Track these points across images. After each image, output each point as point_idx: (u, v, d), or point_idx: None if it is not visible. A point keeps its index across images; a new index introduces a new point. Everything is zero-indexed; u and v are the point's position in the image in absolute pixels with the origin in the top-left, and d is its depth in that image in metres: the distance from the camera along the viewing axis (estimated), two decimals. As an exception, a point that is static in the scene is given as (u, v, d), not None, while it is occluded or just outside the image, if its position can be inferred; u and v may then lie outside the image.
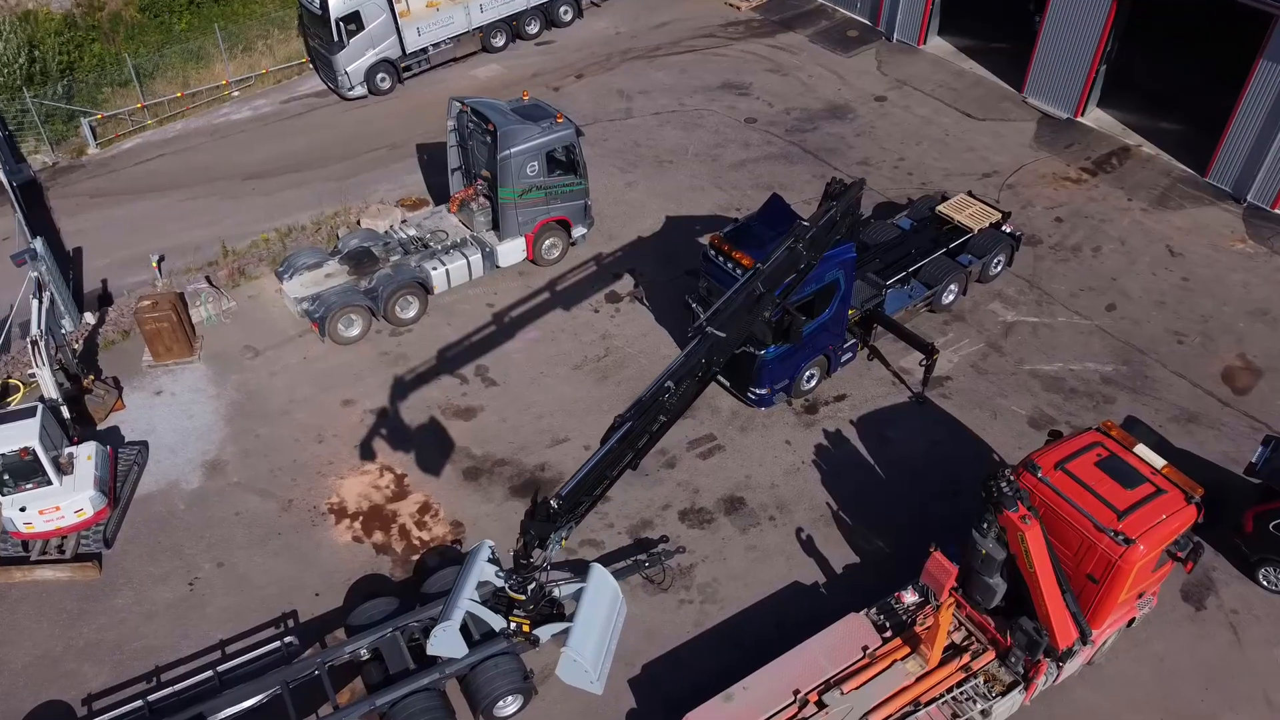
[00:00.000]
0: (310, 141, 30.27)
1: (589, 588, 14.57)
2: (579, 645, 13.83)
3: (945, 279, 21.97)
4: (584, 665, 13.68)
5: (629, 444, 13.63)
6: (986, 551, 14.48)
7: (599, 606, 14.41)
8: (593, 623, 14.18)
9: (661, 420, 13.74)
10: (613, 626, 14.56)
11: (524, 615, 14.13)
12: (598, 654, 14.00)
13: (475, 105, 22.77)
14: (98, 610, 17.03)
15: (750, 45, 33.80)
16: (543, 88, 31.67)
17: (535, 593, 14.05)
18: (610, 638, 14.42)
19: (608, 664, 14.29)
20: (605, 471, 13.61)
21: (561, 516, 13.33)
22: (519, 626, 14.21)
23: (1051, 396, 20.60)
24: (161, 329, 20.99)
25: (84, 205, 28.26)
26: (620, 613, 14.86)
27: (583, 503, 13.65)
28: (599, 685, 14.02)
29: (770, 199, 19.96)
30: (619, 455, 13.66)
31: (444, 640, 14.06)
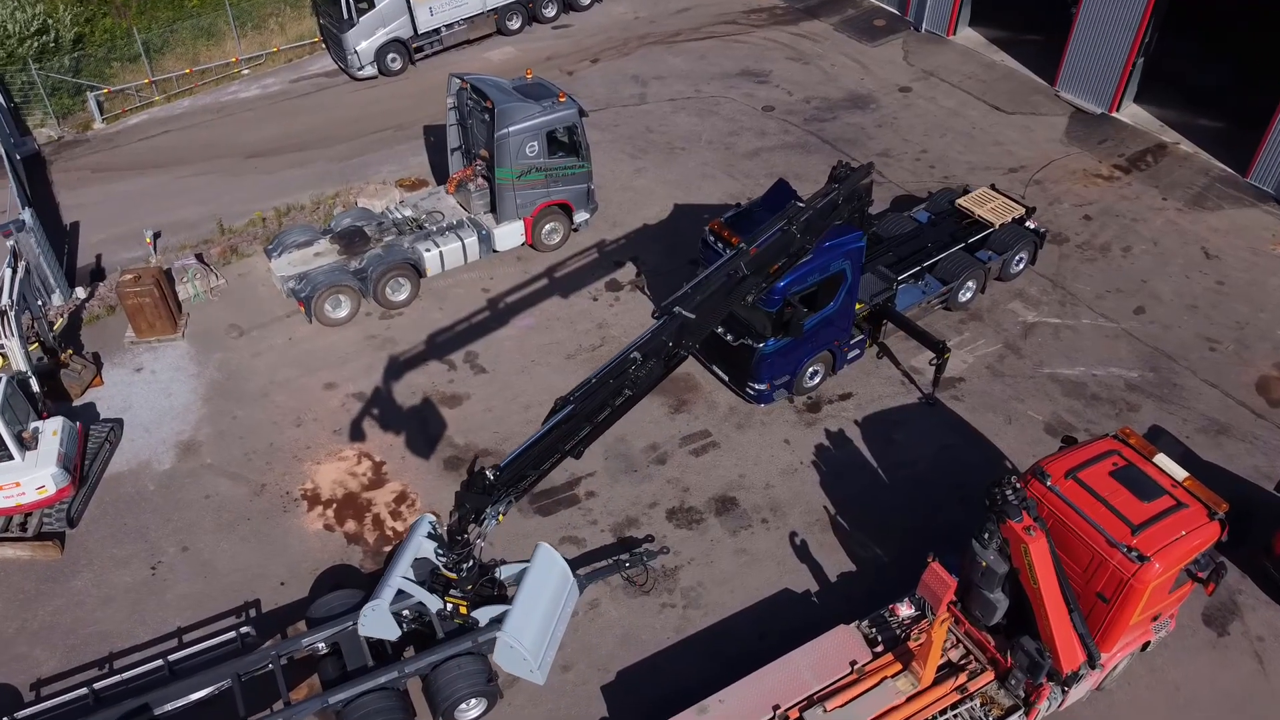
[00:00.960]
0: (316, 121, 29.63)
1: (533, 568, 13.45)
2: (517, 629, 12.77)
3: (962, 275, 20.81)
4: (522, 652, 12.60)
5: (583, 420, 12.58)
6: (987, 564, 13.36)
7: (543, 588, 13.28)
8: (535, 606, 13.06)
9: (626, 394, 12.73)
10: (560, 611, 13.44)
11: (461, 596, 13.05)
12: (539, 640, 12.89)
13: (475, 82, 21.92)
14: (55, 592, 16.37)
15: (772, 33, 32.72)
16: (556, 71, 30.82)
17: (473, 571, 12.98)
18: (556, 623, 13.32)
19: (552, 652, 13.24)
20: (556, 445, 12.62)
21: (499, 489, 12.29)
22: (455, 608, 13.17)
23: (1071, 402, 19.38)
24: (144, 304, 20.34)
25: (85, 179, 27.82)
26: (571, 596, 13.74)
27: (527, 477, 12.63)
28: (540, 675, 12.96)
29: (776, 184, 18.90)
30: (568, 432, 12.67)
31: (374, 620, 13.02)
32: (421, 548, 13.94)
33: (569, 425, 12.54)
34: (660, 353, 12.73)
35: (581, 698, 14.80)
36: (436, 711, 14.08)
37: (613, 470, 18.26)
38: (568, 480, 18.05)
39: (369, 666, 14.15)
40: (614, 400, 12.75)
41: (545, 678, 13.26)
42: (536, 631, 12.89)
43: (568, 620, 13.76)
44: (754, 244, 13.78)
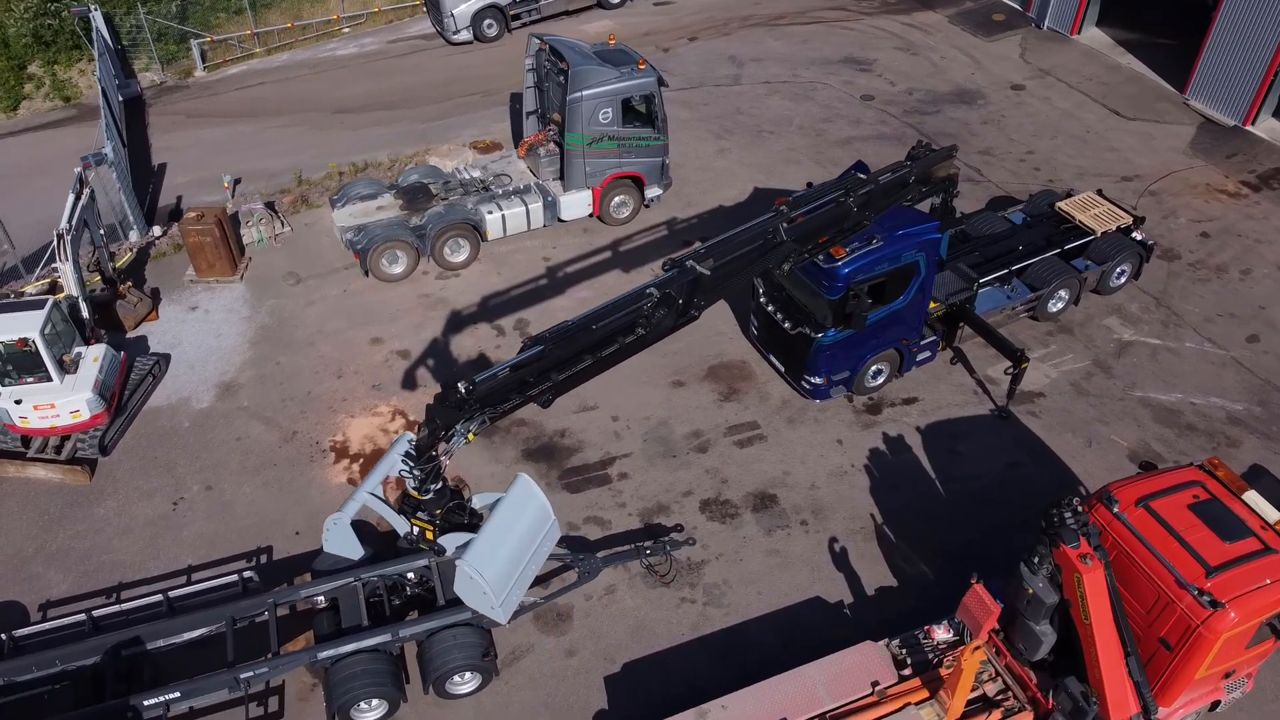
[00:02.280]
0: (407, 82, 29.52)
1: (508, 499, 12.35)
2: (479, 559, 11.69)
3: (1054, 283, 19.10)
4: (482, 584, 11.52)
5: (585, 352, 11.73)
6: (1034, 591, 11.97)
7: (516, 522, 12.18)
8: (503, 538, 11.97)
9: (639, 334, 11.76)
10: (533, 549, 12.32)
11: (428, 520, 12.15)
12: (504, 576, 11.82)
13: (554, 43, 21.24)
14: (78, 517, 16.33)
15: (883, 21, 31.18)
16: (652, 48, 30.00)
17: (442, 494, 12.05)
18: (528, 562, 12.21)
19: (519, 592, 12.18)
20: (547, 372, 11.70)
21: (470, 406, 11.32)
22: (421, 532, 12.26)
23: (1162, 430, 17.55)
24: (204, 243, 20.34)
25: (179, 124, 28.30)
26: (550, 536, 12.63)
27: (509, 399, 11.66)
28: (502, 614, 11.92)
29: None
30: (560, 361, 11.74)
31: (335, 537, 12.11)
32: (396, 466, 13.09)
33: (564, 353, 11.58)
34: (670, 305, 11.67)
35: (582, 686, 13.92)
36: (427, 680, 13.42)
37: (650, 454, 17.31)
38: (601, 459, 17.20)
39: (363, 626, 13.57)
40: (624, 337, 11.74)
41: (508, 618, 12.28)
42: (502, 565, 11.83)
43: (542, 561, 12.65)
44: (800, 210, 12.55)
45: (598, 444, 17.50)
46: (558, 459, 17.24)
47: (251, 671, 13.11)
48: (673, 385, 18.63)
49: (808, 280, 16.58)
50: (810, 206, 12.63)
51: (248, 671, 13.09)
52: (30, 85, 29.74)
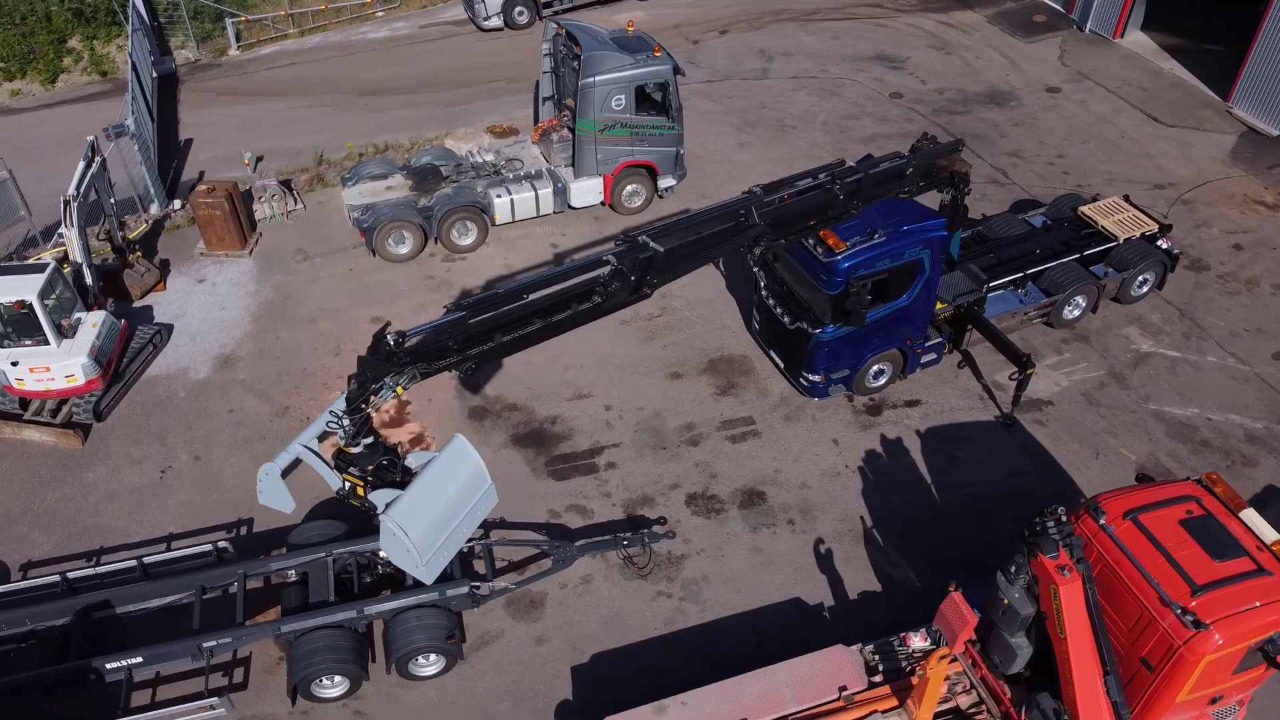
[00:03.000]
0: (434, 66, 29.57)
1: (441, 458, 11.95)
2: (403, 514, 11.29)
3: (1069, 289, 18.45)
4: (405, 541, 11.16)
5: (534, 315, 11.52)
6: (1009, 602, 11.48)
7: (448, 482, 11.78)
8: (432, 496, 11.58)
9: (596, 302, 11.52)
10: (465, 512, 11.91)
11: (359, 475, 11.84)
12: (430, 534, 11.45)
13: (570, 27, 21.02)
14: (67, 480, 16.47)
15: (919, 19, 30.54)
16: (680, 39, 29.73)
17: (374, 451, 11.76)
18: (459, 524, 11.82)
19: (448, 552, 11.81)
20: (490, 331, 11.44)
21: (399, 359, 10.99)
22: (353, 488, 11.98)
23: (1175, 445, 16.86)
24: (214, 217, 20.46)
25: (209, 101, 28.61)
26: (485, 501, 12.23)
27: (445, 356, 11.31)
28: (426, 573, 11.55)
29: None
30: (510, 322, 11.51)
31: (268, 488, 11.81)
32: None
33: (514, 314, 11.36)
34: (623, 280, 11.36)
35: (548, 675, 13.68)
36: (390, 660, 13.28)
37: (640, 444, 17.02)
38: (590, 448, 16.95)
39: (329, 602, 13.47)
40: (578, 304, 11.48)
41: (432, 579, 11.92)
42: (428, 524, 11.46)
43: (475, 524, 12.33)
44: (781, 193, 12.15)
45: (588, 432, 17.25)
46: (546, 445, 17.03)
47: (215, 641, 13.08)
48: (670, 377, 18.32)
49: (807, 274, 16.18)
50: (793, 190, 12.22)
51: (211, 640, 13.06)
52: (69, 59, 30.27)
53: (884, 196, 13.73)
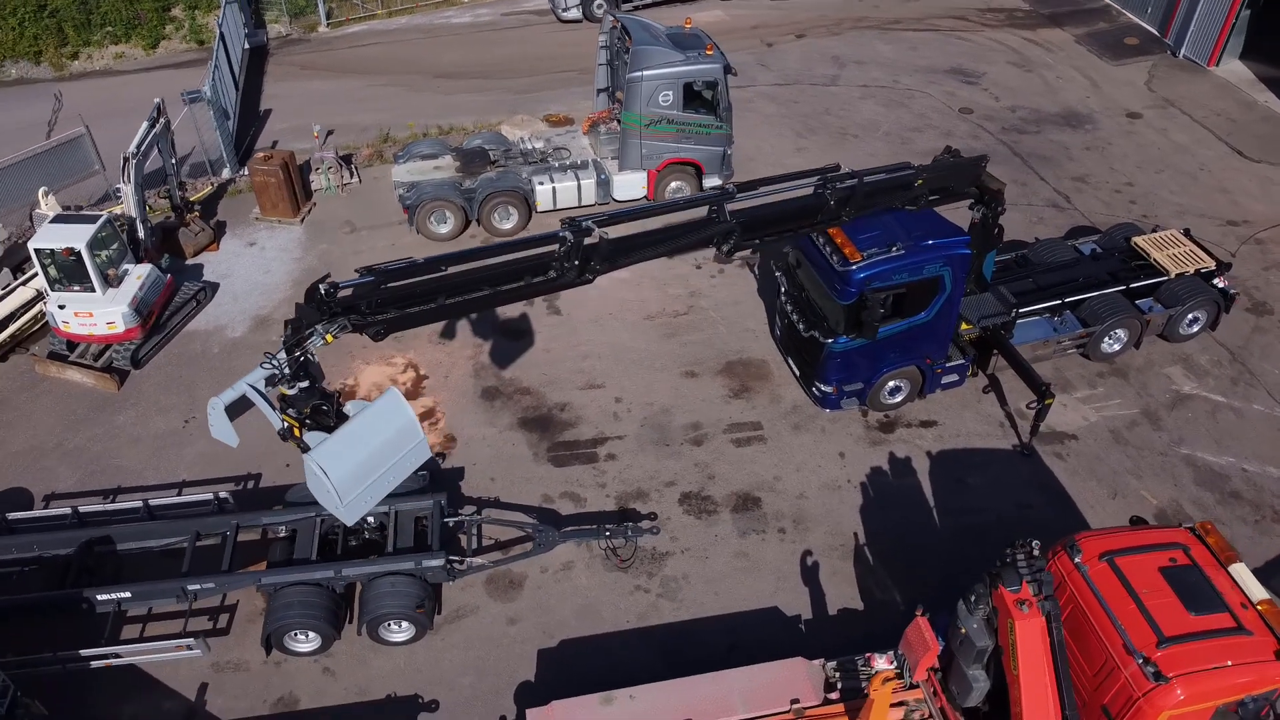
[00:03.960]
0: (509, 53, 30.06)
1: (373, 407, 12.17)
2: (326, 455, 11.46)
3: (1109, 321, 17.71)
4: (326, 481, 11.35)
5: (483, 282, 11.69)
6: (967, 632, 11.19)
7: (377, 430, 11.94)
8: (359, 441, 11.74)
9: (550, 277, 11.76)
10: (392, 461, 12.06)
11: (296, 416, 12.08)
12: (353, 478, 11.63)
13: (625, 21, 21.15)
14: (98, 421, 17.36)
15: (1003, 34, 29.67)
16: (755, 40, 29.58)
17: (310, 393, 11.98)
18: (385, 473, 11.97)
19: (370, 499, 11.98)
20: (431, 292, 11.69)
21: (329, 308, 11.23)
22: (290, 428, 12.22)
23: (1201, 493, 16.05)
24: (269, 183, 21.25)
25: (292, 74, 29.69)
26: (416, 454, 12.35)
27: (383, 312, 11.58)
28: (346, 515, 11.78)
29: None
30: (457, 286, 11.71)
31: (216, 420, 12.15)
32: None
33: (461, 279, 11.57)
34: (570, 260, 11.42)
35: (514, 655, 13.83)
36: (361, 622, 13.63)
37: (643, 439, 17.03)
38: (593, 438, 17.05)
39: (310, 560, 13.90)
40: (531, 277, 11.62)
41: (353, 521, 12.15)
42: (352, 467, 11.66)
43: (403, 476, 12.49)
44: (763, 191, 12.02)
45: (594, 422, 17.34)
46: (551, 431, 17.19)
47: (199, 584, 13.65)
48: (685, 375, 18.27)
49: (823, 282, 15.94)
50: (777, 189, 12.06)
51: (195, 584, 13.63)
52: (170, 27, 31.81)
53: (882, 206, 13.40)
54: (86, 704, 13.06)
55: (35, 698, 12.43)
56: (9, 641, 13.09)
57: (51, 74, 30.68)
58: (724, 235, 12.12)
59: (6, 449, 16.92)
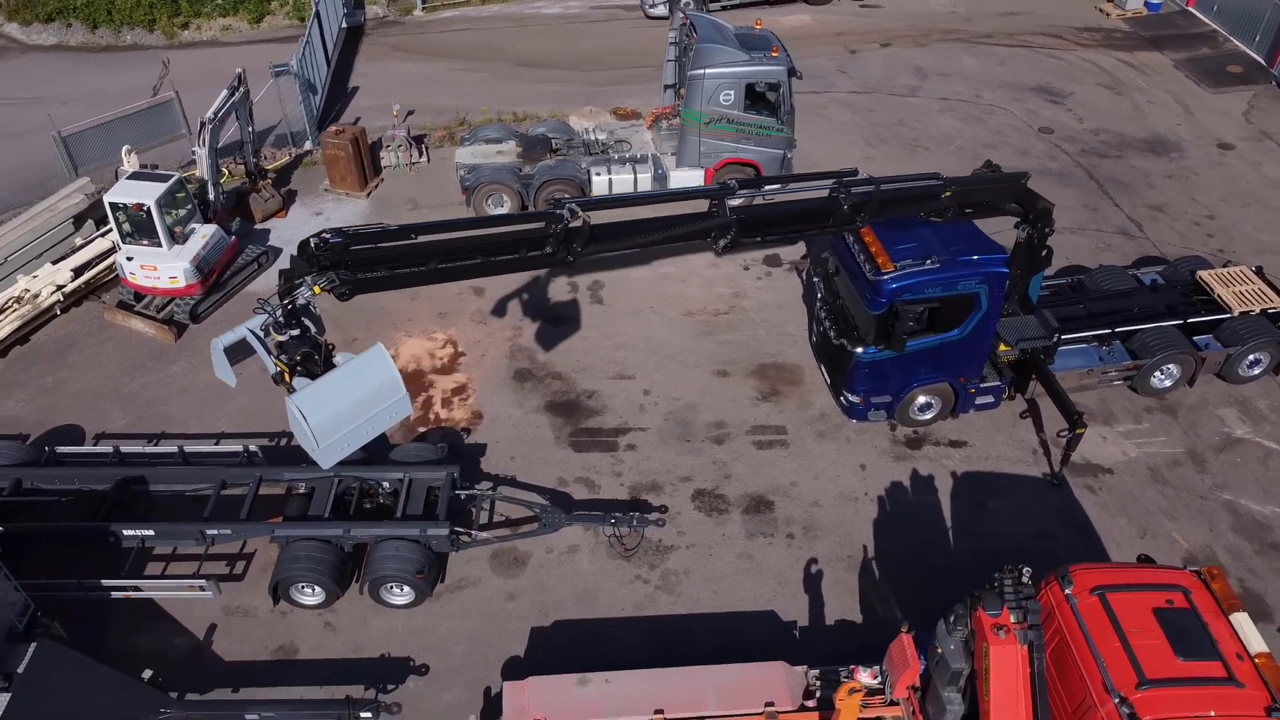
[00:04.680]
0: (593, 46, 30.44)
1: (357, 360, 12.54)
2: (307, 400, 11.85)
3: (1160, 355, 17.04)
4: (304, 423, 11.72)
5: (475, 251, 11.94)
6: (943, 652, 11.00)
7: (359, 382, 12.28)
8: (341, 390, 12.10)
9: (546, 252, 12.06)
10: (372, 412, 12.35)
11: (287, 362, 12.44)
12: (332, 423, 11.97)
13: (694, 18, 21.22)
14: (154, 369, 18.30)
15: (1097, 55, 28.70)
16: (839, 47, 29.31)
17: (300, 341, 12.34)
18: (364, 422, 12.28)
19: (348, 446, 12.29)
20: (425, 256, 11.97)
21: (318, 261, 11.55)
22: (281, 372, 12.57)
23: (1238, 541, 15.33)
24: (339, 157, 22.03)
25: (383, 55, 30.65)
26: (395, 409, 12.65)
27: (374, 270, 11.90)
28: (322, 458, 12.12)
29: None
30: (447, 251, 11.94)
31: (216, 361, 12.72)
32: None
33: (452, 244, 11.85)
34: (557, 240, 11.68)
35: (507, 630, 14.11)
36: (364, 582, 14.09)
37: (666, 433, 17.11)
38: (616, 427, 17.21)
39: (323, 517, 14.44)
40: (523, 250, 11.90)
41: (329, 464, 12.47)
42: (331, 413, 12.00)
43: (383, 428, 12.80)
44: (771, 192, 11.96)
45: (619, 412, 17.50)
46: (576, 417, 17.41)
47: (217, 530, 14.33)
48: (716, 374, 18.28)
49: (855, 290, 15.77)
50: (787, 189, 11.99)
51: (214, 529, 14.31)
52: (275, 3, 33.16)
53: (902, 214, 13.19)
54: (103, 632, 13.82)
55: (56, 620, 13.24)
56: (39, 566, 13.96)
57: (162, 41, 32.35)
58: (721, 230, 12.11)
59: (68, 389, 17.99)
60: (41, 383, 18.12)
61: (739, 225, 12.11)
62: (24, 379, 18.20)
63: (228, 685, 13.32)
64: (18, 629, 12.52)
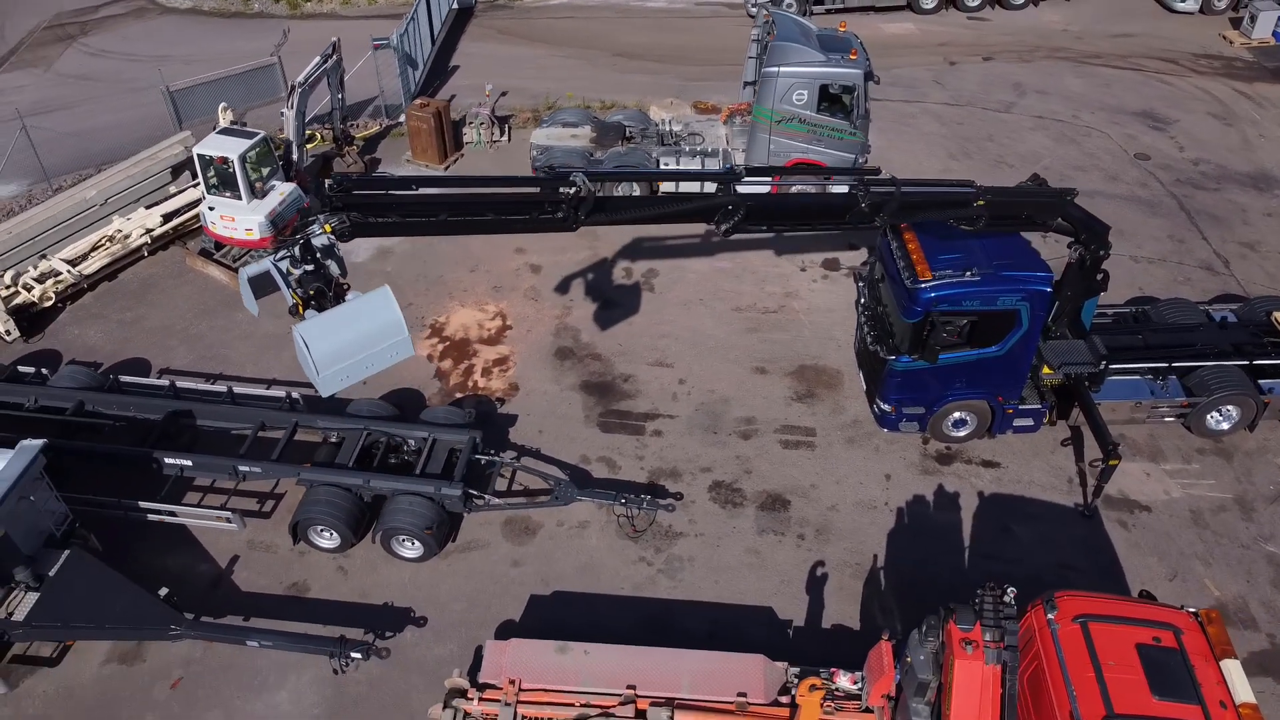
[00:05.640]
0: (690, 41, 30.63)
1: (364, 297, 13.21)
2: (311, 330, 12.62)
3: (1218, 394, 16.25)
4: (307, 352, 12.46)
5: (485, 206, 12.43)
6: (912, 662, 10.85)
7: (363, 318, 12.99)
8: (344, 324, 12.82)
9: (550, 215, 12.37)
10: (374, 349, 13.04)
11: (301, 295, 13.11)
12: (332, 353, 12.69)
13: (777, 16, 21.17)
14: (220, 313, 19.37)
15: (1212, 84, 27.35)
16: (938, 58, 28.79)
17: (314, 275, 12.95)
18: (364, 357, 12.97)
19: (348, 377, 12.94)
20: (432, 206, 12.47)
21: (331, 201, 12.12)
22: (296, 305, 13.25)
23: (1275, 595, 14.54)
24: (421, 129, 22.83)
25: (488, 36, 31.54)
26: (397, 348, 13.28)
27: (385, 217, 12.41)
28: (322, 386, 12.80)
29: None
30: (457, 204, 12.54)
31: (243, 290, 13.31)
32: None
33: (465, 199, 12.34)
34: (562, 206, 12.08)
35: (508, 594, 14.48)
36: (376, 532, 14.67)
37: (694, 423, 17.22)
38: (646, 412, 17.40)
39: (347, 466, 15.09)
40: (534, 212, 12.28)
41: (328, 393, 13.12)
42: (333, 344, 12.71)
43: (384, 365, 13.36)
44: (786, 182, 11.99)
45: (652, 398, 17.68)
46: (609, 398, 17.67)
47: (248, 467, 15.12)
48: (754, 370, 18.27)
49: (894, 297, 15.57)
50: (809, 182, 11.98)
51: (245, 466, 15.11)
52: (394, -20, 34.43)
53: (929, 219, 12.94)
54: (135, 550, 14.76)
55: (94, 534, 14.26)
56: (86, 483, 15.00)
57: (286, 11, 34.00)
58: (725, 213, 12.16)
59: (144, 324, 19.23)
60: (121, 317, 19.41)
61: (747, 211, 12.14)
62: (106, 312, 19.53)
63: (240, 613, 14.08)
64: (55, 536, 13.58)
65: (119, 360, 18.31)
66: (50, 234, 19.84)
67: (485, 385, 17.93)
